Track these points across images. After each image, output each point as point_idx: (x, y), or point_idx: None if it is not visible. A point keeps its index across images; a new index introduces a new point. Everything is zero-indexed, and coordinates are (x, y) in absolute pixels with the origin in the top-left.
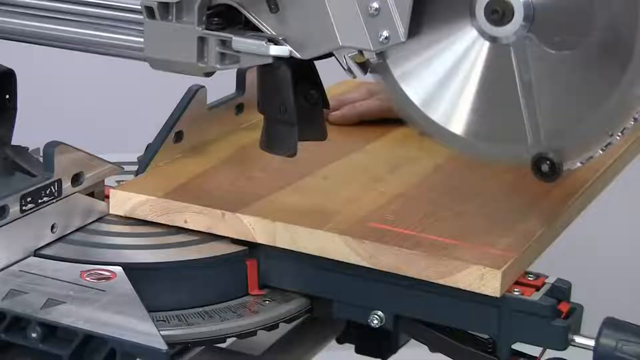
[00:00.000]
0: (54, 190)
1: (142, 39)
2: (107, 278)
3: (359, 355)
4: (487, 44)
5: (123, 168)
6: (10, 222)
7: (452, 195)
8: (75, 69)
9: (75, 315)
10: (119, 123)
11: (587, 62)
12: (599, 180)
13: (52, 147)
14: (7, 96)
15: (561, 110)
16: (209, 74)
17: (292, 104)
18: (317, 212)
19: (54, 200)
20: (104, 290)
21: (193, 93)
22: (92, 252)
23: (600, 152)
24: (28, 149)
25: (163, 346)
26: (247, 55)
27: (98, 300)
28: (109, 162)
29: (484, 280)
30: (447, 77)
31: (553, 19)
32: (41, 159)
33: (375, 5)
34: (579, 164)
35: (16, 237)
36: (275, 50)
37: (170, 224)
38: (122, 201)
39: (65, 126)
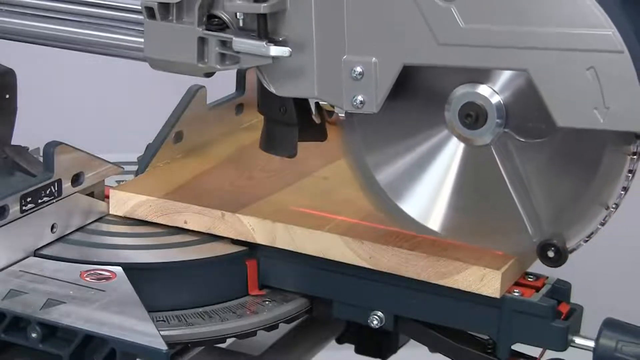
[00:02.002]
0: (54, 190)
1: (142, 39)
2: (107, 278)
3: (359, 355)
4: (462, 145)
5: (123, 168)
6: (10, 222)
7: None
8: (75, 69)
9: (75, 315)
10: (119, 123)
11: (568, 142)
12: None
13: (52, 147)
14: (7, 96)
15: (555, 194)
16: (209, 74)
17: (292, 104)
18: (317, 212)
19: (54, 200)
20: (104, 290)
21: (193, 93)
22: (92, 252)
23: (600, 226)
24: (28, 149)
25: (163, 346)
26: (247, 55)
27: (98, 300)
28: (109, 162)
29: (484, 281)
30: (419, 169)
31: (525, 111)
32: (41, 159)
33: (359, 69)
34: (582, 243)
35: (16, 237)
36: (275, 50)
37: (170, 225)
38: (122, 201)
39: (65, 126)
